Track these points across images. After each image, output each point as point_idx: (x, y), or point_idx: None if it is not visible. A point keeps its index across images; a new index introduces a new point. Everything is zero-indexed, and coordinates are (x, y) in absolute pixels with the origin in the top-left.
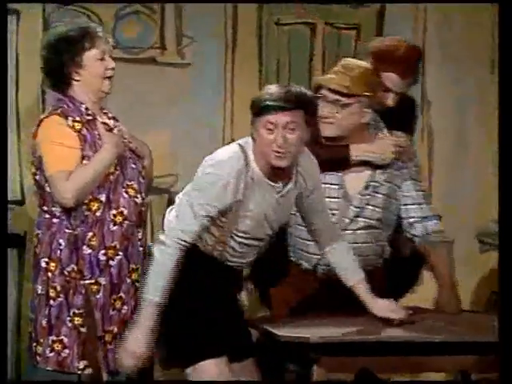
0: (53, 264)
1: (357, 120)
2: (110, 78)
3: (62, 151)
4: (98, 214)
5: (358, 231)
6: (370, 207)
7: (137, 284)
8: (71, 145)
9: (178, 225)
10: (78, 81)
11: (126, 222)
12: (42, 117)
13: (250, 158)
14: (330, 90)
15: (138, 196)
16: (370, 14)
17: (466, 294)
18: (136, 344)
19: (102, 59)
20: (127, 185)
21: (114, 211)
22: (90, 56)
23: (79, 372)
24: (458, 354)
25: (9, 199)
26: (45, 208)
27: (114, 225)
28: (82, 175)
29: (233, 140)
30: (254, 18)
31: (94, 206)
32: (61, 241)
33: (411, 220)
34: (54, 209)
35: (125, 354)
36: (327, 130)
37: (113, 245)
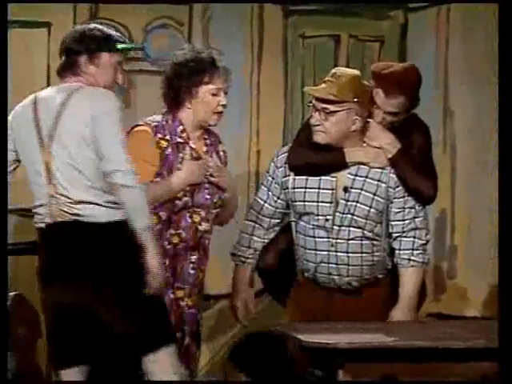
0: None
1: (345, 127)
2: (220, 113)
3: (140, 164)
4: (154, 229)
5: (351, 241)
6: (355, 216)
7: (181, 303)
8: (149, 160)
9: None
10: (188, 108)
11: (182, 244)
12: (135, 124)
13: None
14: (317, 99)
15: (203, 224)
16: (394, 27)
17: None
18: (159, 266)
19: (217, 95)
20: (194, 211)
21: (172, 231)
22: (206, 90)
23: None
24: (478, 361)
25: (28, 207)
26: None
27: (169, 244)
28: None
29: (258, 152)
30: (279, 31)
31: (153, 220)
32: None
33: (393, 235)
34: None
35: (154, 280)
36: (317, 137)
37: (163, 261)
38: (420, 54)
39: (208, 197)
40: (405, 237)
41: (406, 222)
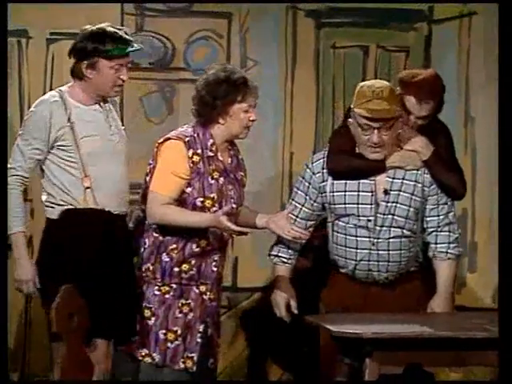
0: (135, 259)
1: (395, 134)
2: (249, 127)
3: (170, 178)
4: (185, 234)
5: (391, 240)
6: (396, 216)
7: (204, 296)
8: (181, 175)
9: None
10: (221, 124)
11: (208, 247)
12: (168, 136)
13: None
14: (370, 118)
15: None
16: (419, 38)
17: None
18: (25, 272)
19: (248, 111)
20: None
21: (201, 235)
22: (239, 108)
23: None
24: (496, 350)
25: None
26: (142, 207)
27: (197, 247)
28: (174, 216)
29: (292, 153)
30: (312, 42)
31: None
32: (146, 240)
33: (428, 230)
34: None
35: (19, 284)
36: (376, 155)
37: (189, 260)
38: (443, 63)
39: (234, 206)
40: (440, 231)
41: (441, 217)
